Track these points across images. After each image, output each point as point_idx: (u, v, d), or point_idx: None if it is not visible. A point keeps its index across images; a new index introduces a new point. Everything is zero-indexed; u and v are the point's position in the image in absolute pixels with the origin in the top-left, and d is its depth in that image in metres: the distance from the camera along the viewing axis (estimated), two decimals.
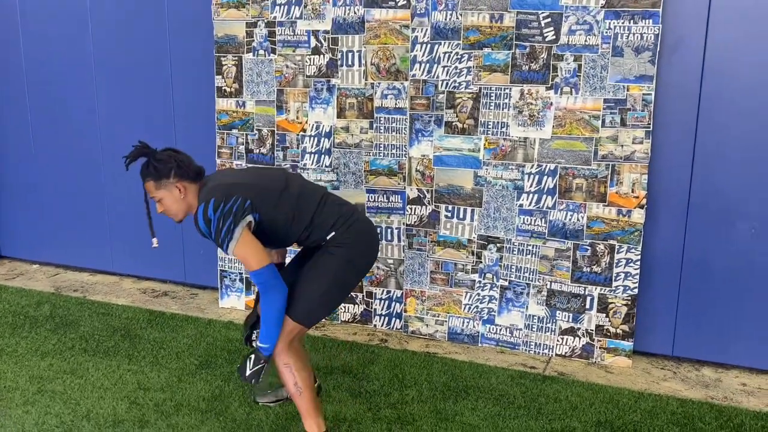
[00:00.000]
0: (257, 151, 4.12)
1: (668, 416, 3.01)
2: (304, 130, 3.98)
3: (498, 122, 3.55)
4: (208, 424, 2.93)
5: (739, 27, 3.18)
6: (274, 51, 3.96)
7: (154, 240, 2.67)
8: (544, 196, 3.53)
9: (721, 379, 3.40)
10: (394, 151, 3.79)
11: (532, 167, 3.53)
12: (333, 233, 2.52)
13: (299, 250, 2.80)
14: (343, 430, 2.88)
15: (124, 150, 2.63)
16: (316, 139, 3.96)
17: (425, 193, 3.76)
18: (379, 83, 3.75)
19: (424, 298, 3.85)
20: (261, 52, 3.99)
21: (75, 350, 3.67)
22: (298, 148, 4.01)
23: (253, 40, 4.00)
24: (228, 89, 4.12)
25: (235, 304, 4.35)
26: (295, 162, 4.02)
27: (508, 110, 3.52)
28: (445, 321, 3.84)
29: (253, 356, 2.49)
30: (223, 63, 4.09)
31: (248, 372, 2.49)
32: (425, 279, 3.83)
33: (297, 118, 3.99)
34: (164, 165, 2.49)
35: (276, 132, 4.05)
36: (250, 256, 2.37)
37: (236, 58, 4.05)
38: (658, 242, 3.47)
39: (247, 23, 4.00)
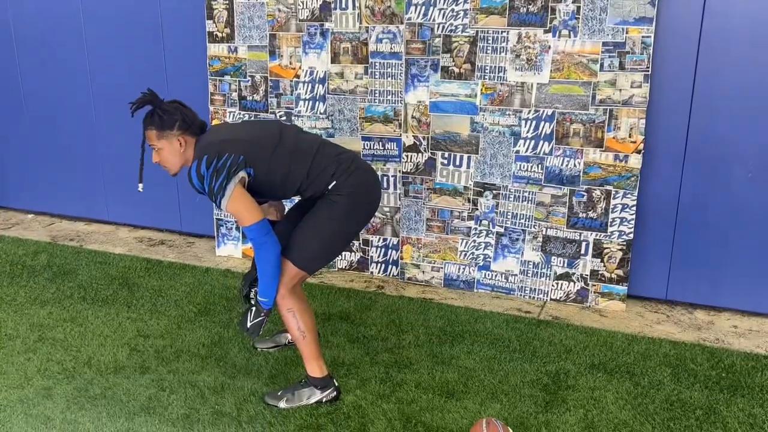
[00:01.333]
0: (250, 98, 4.06)
1: (660, 358, 3.06)
2: (298, 76, 3.92)
3: (495, 67, 3.50)
4: (209, 369, 2.97)
5: None
6: None
7: (141, 185, 2.68)
8: (541, 142, 3.51)
9: (714, 321, 3.46)
10: (389, 98, 3.74)
11: (529, 113, 3.49)
12: (334, 182, 2.52)
13: (298, 201, 2.80)
14: (342, 374, 2.93)
15: (116, 99, 2.60)
16: (310, 85, 3.90)
17: (421, 140, 3.73)
18: (373, 27, 3.68)
19: (420, 245, 3.87)
20: None
21: (74, 299, 3.69)
22: (291, 94, 3.96)
23: None
24: (220, 34, 4.03)
25: (231, 252, 4.36)
26: (289, 109, 3.97)
27: (506, 54, 3.46)
28: (441, 268, 3.86)
29: (253, 309, 2.53)
30: (214, 7, 3.99)
31: (249, 324, 2.55)
32: (421, 226, 3.84)
33: (290, 63, 3.92)
34: (170, 116, 2.49)
35: (269, 78, 3.99)
36: (242, 211, 2.38)
37: (227, 2, 3.95)
38: (654, 187, 3.47)
39: None
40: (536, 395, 2.78)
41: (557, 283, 3.66)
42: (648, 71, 3.25)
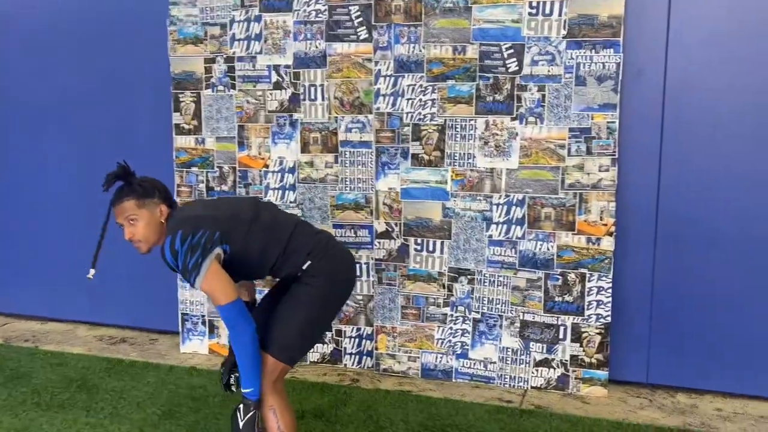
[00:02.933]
0: (218, 188, 4.00)
1: None
2: (267, 166, 3.89)
3: (464, 153, 3.53)
4: None
5: (697, 54, 3.25)
6: (233, 86, 3.88)
7: (92, 271, 2.56)
8: (514, 226, 3.50)
9: (697, 404, 3.39)
10: (360, 185, 3.73)
11: (500, 197, 3.50)
12: (309, 262, 2.41)
13: (271, 287, 2.69)
14: None
15: (74, 191, 2.50)
16: (279, 174, 3.87)
17: (393, 226, 3.69)
18: (343, 117, 3.70)
19: (395, 334, 3.76)
20: (220, 87, 3.91)
21: (27, 405, 3.44)
22: (261, 184, 3.92)
23: (212, 76, 3.92)
24: (187, 126, 4.01)
25: (197, 348, 4.17)
26: (258, 198, 3.91)
27: (474, 141, 3.51)
28: (418, 357, 3.75)
29: (242, 406, 2.36)
30: (181, 100, 3.99)
31: (242, 424, 2.35)
32: (396, 314, 3.75)
33: (259, 153, 3.90)
34: (149, 185, 2.44)
35: (238, 168, 3.95)
36: (217, 290, 2.26)
37: (195, 95, 3.96)
38: (629, 269, 3.47)
39: (205, 59, 3.91)
40: None
41: (537, 370, 3.57)
42: (615, 155, 3.32)
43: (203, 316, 4.14)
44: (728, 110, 3.24)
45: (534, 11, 3.33)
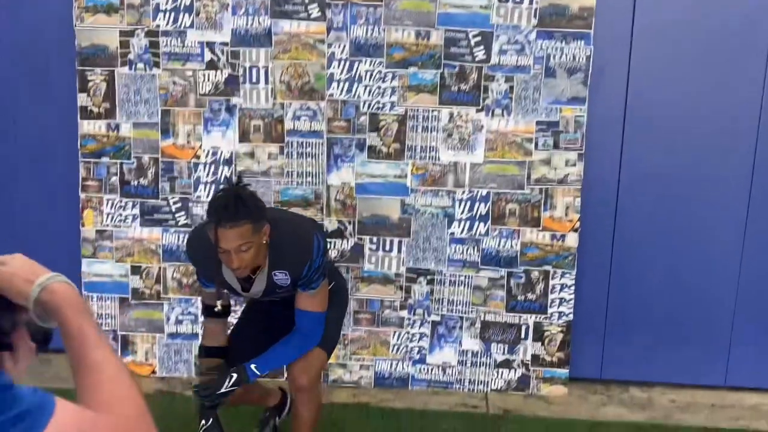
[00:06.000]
0: (135, 182, 3.45)
1: None
2: (198, 157, 3.41)
3: (426, 146, 3.31)
4: None
5: (660, 49, 3.27)
6: (157, 65, 3.36)
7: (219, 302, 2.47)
8: (477, 222, 3.34)
9: (651, 398, 3.44)
10: (309, 179, 3.38)
11: (463, 193, 3.33)
12: (333, 283, 2.58)
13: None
14: None
15: None
16: (212, 166, 3.41)
17: (347, 224, 3.39)
18: (290, 103, 3.33)
19: (346, 341, 3.45)
20: (140, 65, 3.36)
21: None
22: (189, 177, 3.43)
23: (130, 52, 3.36)
24: (96, 109, 3.42)
25: None
26: (186, 194, 3.43)
27: (437, 133, 3.30)
28: (371, 365, 3.47)
29: (235, 376, 2.34)
30: (89, 78, 3.39)
31: (223, 389, 2.32)
32: (348, 320, 3.44)
33: (188, 142, 3.41)
34: (261, 203, 2.24)
35: (161, 159, 3.43)
36: (325, 297, 2.42)
37: (107, 73, 3.37)
38: (589, 266, 3.44)
39: (121, 31, 3.35)
40: None
41: (498, 372, 3.44)
42: (582, 150, 3.26)
43: (114, 330, 3.55)
44: (690, 107, 3.29)
45: None
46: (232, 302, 2.60)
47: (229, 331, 2.62)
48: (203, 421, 2.37)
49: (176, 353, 3.54)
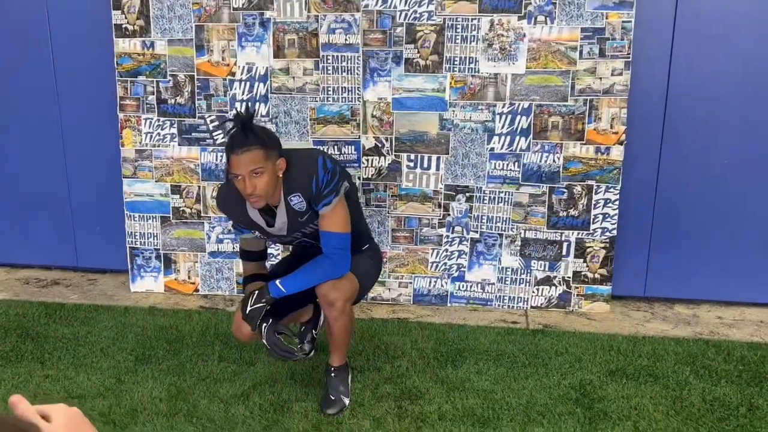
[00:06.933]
0: (172, 101, 3.44)
1: (672, 357, 2.89)
2: (233, 74, 3.37)
3: (465, 57, 3.20)
4: (180, 428, 2.34)
5: None
6: None
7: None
8: (518, 137, 3.25)
9: (697, 314, 3.36)
10: (345, 95, 3.31)
11: (503, 106, 3.23)
12: (368, 245, 2.63)
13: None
14: (348, 417, 2.44)
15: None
16: (248, 83, 3.37)
17: (383, 141, 3.33)
18: (324, 16, 3.24)
19: (385, 259, 3.44)
20: None
21: None
22: (225, 95, 3.40)
23: None
24: (131, 27, 3.39)
25: (150, 286, 3.66)
26: (222, 112, 3.41)
27: (477, 44, 3.18)
28: (410, 283, 3.47)
29: (257, 293, 2.33)
30: None
31: (248, 309, 2.32)
32: (386, 238, 3.43)
33: (223, 59, 3.37)
34: (272, 133, 2.30)
35: (196, 77, 3.40)
36: (345, 217, 2.34)
37: None
38: (633, 180, 3.33)
39: None
40: (574, 411, 2.47)
41: (538, 289, 3.40)
42: (629, 58, 3.11)
43: (157, 249, 3.61)
44: (746, 8, 3.10)
45: None
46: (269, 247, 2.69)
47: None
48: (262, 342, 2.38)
49: (218, 271, 3.59)
